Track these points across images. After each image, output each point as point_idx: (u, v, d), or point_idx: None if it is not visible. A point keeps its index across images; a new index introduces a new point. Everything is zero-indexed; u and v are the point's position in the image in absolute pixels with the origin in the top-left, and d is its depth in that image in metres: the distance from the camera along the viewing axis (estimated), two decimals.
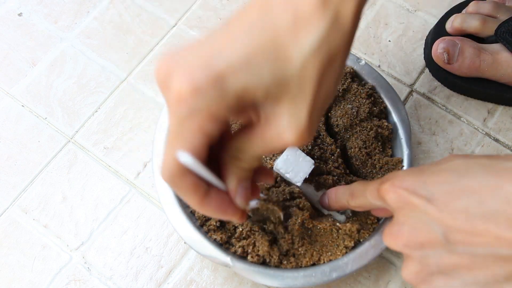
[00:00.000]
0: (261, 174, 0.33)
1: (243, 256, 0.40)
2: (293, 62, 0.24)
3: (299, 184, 0.42)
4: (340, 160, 0.45)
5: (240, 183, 0.29)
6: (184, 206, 0.41)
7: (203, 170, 0.26)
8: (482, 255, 0.27)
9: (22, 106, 0.51)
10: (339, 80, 0.27)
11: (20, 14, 0.56)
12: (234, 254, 0.40)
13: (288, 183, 0.43)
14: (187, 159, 0.25)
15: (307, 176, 0.43)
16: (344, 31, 0.24)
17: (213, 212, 0.29)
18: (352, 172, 0.46)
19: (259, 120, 0.27)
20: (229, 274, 0.44)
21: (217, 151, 0.28)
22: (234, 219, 0.30)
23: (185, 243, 0.44)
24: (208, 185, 0.28)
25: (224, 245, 0.40)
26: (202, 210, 0.29)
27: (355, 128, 0.45)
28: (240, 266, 0.39)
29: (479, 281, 0.28)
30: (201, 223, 0.41)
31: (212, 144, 0.26)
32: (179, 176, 0.26)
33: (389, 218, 0.41)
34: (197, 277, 0.44)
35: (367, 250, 0.39)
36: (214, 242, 0.40)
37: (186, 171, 0.26)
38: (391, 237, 0.31)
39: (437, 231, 0.28)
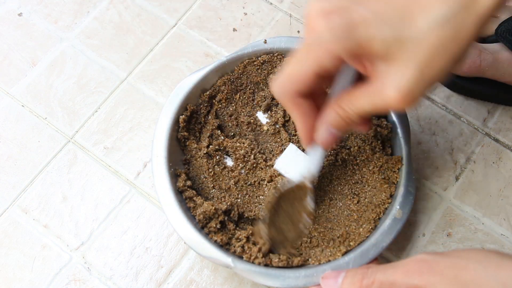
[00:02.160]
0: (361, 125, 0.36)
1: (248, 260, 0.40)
2: (417, 27, 0.26)
3: None
4: (339, 160, 0.45)
5: (330, 126, 0.33)
6: (185, 209, 0.41)
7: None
8: None
9: (22, 106, 0.51)
10: (455, 62, 0.28)
11: (20, 14, 0.56)
12: (234, 255, 0.40)
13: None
14: None
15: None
16: (476, 16, 0.26)
17: (303, 128, 0.35)
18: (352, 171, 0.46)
19: (371, 75, 0.29)
20: (229, 274, 0.44)
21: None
22: (304, 143, 0.36)
23: (185, 243, 0.44)
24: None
25: (225, 246, 0.40)
26: (301, 128, 0.35)
27: None
28: (241, 267, 0.39)
29: None
30: (202, 226, 0.41)
31: (321, 76, 0.30)
32: (283, 95, 0.33)
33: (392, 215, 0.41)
34: (197, 277, 0.44)
35: (368, 250, 0.39)
36: (215, 243, 0.40)
37: (289, 94, 0.32)
38: None
39: None
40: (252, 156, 0.45)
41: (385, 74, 0.28)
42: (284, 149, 0.44)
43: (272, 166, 0.44)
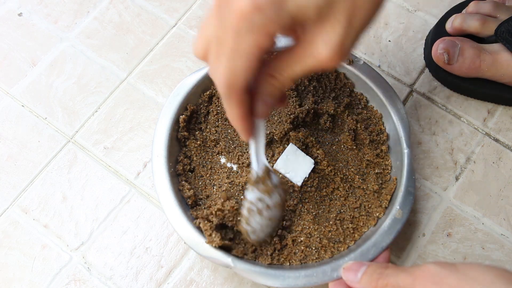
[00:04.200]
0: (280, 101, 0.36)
1: (243, 257, 0.40)
2: None
3: (299, 184, 0.42)
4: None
5: (267, 97, 0.32)
6: (185, 209, 0.41)
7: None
8: None
9: (22, 106, 0.51)
10: (378, 7, 0.28)
11: (20, 14, 0.56)
12: (235, 255, 0.40)
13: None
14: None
15: (307, 176, 0.43)
16: None
17: (243, 122, 0.33)
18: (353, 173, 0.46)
19: (301, 39, 0.29)
20: (229, 274, 0.44)
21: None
22: (239, 130, 0.34)
23: (185, 243, 0.44)
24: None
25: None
26: (232, 116, 0.33)
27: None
28: (241, 267, 0.39)
29: None
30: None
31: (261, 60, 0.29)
32: (233, 90, 0.31)
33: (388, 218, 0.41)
34: (197, 277, 0.44)
35: (368, 250, 0.39)
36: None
37: (240, 89, 0.30)
38: None
39: None
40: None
41: (316, 34, 0.28)
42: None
43: (271, 166, 0.44)
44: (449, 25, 0.51)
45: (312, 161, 0.43)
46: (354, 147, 0.45)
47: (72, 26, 0.55)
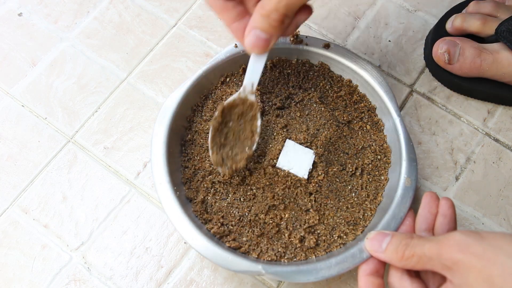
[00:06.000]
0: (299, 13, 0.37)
1: (274, 261, 0.40)
2: None
3: (305, 176, 0.43)
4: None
5: (254, 29, 0.35)
6: (199, 226, 0.41)
7: None
8: None
9: (22, 106, 0.51)
10: None
11: (20, 14, 0.56)
12: (264, 261, 0.40)
13: None
14: None
15: (311, 167, 0.43)
16: None
17: (235, 32, 0.37)
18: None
19: None
20: (229, 274, 0.44)
21: None
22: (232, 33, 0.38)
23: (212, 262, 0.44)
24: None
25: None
26: (233, 32, 0.37)
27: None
28: (272, 271, 0.38)
29: None
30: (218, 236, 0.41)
31: None
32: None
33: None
34: (197, 277, 0.44)
35: (388, 224, 0.39)
36: (240, 254, 0.40)
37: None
38: None
39: None
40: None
41: None
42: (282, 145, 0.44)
43: (274, 165, 0.44)
44: (449, 25, 0.51)
45: (312, 151, 0.44)
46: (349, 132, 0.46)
47: (72, 26, 0.55)
